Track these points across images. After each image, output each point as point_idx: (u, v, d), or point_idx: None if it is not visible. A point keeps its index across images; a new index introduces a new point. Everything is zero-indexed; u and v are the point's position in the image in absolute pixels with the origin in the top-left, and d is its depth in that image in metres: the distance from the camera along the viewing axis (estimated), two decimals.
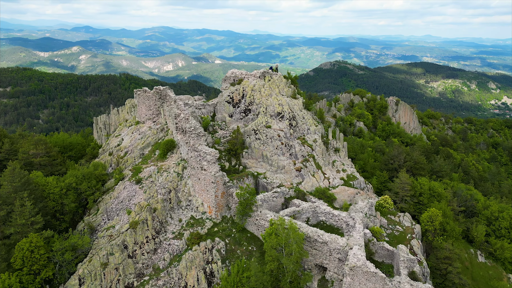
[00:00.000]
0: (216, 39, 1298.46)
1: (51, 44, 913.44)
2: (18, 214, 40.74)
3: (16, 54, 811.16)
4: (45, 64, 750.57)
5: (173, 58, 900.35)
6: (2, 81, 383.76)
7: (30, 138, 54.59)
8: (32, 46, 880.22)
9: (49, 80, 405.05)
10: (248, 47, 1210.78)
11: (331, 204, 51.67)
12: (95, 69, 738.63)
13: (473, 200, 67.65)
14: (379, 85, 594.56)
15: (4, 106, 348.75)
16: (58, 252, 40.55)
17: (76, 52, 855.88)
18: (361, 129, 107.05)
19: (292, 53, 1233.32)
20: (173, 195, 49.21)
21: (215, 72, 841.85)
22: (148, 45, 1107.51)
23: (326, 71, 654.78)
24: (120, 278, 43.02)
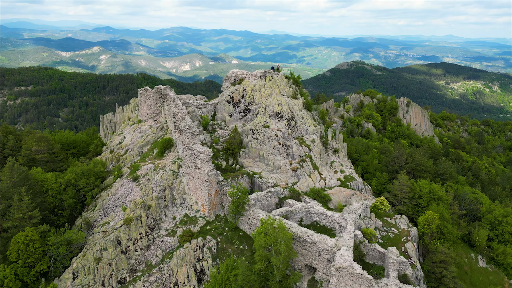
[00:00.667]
0: (233, 40, 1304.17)
1: (72, 44, 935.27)
2: (15, 209, 42.20)
3: (39, 54, 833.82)
4: (66, 64, 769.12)
5: (190, 58, 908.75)
6: (24, 80, 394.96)
7: (32, 135, 56.38)
8: (54, 46, 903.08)
9: (69, 80, 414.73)
10: (265, 47, 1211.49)
11: (325, 205, 51.49)
12: (115, 69, 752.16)
13: (478, 204, 66.19)
14: (397, 86, 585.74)
15: (26, 104, 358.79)
16: (53, 246, 41.75)
17: (97, 52, 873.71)
18: (369, 130, 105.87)
19: (309, 53, 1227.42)
20: (168, 193, 49.99)
21: None
22: (167, 45, 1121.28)
23: (343, 71, 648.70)
24: (113, 273, 43.98)
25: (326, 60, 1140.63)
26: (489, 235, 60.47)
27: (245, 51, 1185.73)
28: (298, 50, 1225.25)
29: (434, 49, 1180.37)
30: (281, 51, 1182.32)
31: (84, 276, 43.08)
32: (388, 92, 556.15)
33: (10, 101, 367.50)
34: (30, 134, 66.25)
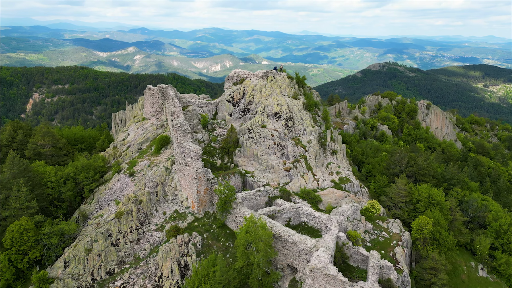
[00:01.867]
0: (264, 40, 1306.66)
1: (109, 44, 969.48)
2: (14, 199, 44.92)
3: (78, 54, 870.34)
4: (103, 64, 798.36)
5: (221, 59, 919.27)
6: (62, 79, 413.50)
7: (39, 130, 59.60)
8: (92, 46, 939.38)
9: (103, 79, 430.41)
10: (296, 48, 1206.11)
11: (315, 206, 51.22)
12: (148, 68, 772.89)
13: (487, 211, 63.57)
14: (431, 88, 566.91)
15: (62, 102, 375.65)
16: (46, 235, 44.07)
17: (132, 52, 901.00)
18: (383, 132, 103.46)
19: (341, 54, 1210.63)
20: (160, 189, 51.43)
21: None
22: (199, 46, 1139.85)
23: (375, 72, 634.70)
24: (102, 264, 45.85)
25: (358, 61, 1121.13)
26: (493, 244, 57.97)
27: (275, 52, 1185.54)
28: (329, 50, 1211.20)
29: (474, 50, 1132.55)
30: (312, 51, 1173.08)
31: (75, 265, 45.18)
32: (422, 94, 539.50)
33: (48, 99, 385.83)
34: None
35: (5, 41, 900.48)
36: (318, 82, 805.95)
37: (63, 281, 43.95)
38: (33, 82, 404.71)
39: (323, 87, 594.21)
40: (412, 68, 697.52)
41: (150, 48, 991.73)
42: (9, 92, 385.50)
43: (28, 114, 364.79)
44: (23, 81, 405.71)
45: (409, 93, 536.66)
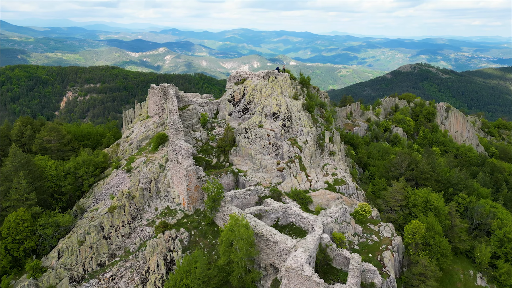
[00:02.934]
0: (293, 41, 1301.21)
1: (141, 45, 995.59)
2: (14, 190, 47.46)
3: (112, 54, 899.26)
4: (135, 64, 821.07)
5: (249, 60, 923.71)
6: (94, 78, 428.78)
7: (45, 126, 62.51)
8: (125, 47, 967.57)
9: (132, 78, 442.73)
10: (325, 49, 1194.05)
11: (305, 207, 50.97)
12: (178, 69, 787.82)
13: (495, 219, 61.06)
14: (465, 90, 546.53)
15: (94, 100, 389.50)
16: (41, 226, 46.29)
17: (162, 53, 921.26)
18: (397, 135, 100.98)
19: (371, 55, 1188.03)
20: (153, 185, 52.76)
21: None
22: (228, 46, 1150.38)
23: (405, 74, 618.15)
24: (93, 256, 47.61)
25: (389, 62, 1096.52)
26: (496, 253, 55.61)
27: (304, 52, 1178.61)
28: (359, 51, 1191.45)
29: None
30: (341, 52, 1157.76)
31: (68, 256, 47.17)
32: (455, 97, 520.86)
33: (80, 97, 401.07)
34: (60, 125, 73.44)
35: (44, 41, 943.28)
36: (346, 83, 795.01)
37: (55, 270, 46.02)
38: (67, 81, 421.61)
39: (351, 88, 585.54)
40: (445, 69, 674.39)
41: (180, 48, 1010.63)
42: (45, 90, 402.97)
43: (61, 112, 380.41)
44: (57, 80, 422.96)
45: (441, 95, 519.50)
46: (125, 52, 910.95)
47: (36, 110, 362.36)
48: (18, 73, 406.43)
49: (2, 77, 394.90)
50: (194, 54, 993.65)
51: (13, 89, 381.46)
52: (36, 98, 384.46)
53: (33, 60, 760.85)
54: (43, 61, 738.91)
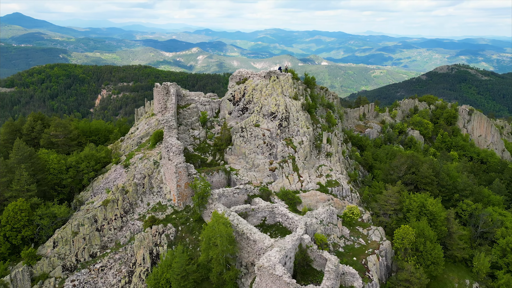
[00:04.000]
0: (326, 41, 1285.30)
1: (175, 45, 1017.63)
2: (16, 182, 50.36)
3: (147, 53, 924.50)
4: (168, 63, 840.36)
5: (280, 60, 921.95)
6: (127, 77, 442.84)
7: (53, 121, 65.70)
8: (160, 47, 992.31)
9: (163, 77, 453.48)
10: (358, 49, 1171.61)
11: (293, 207, 50.79)
12: (210, 68, 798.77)
13: (502, 227, 58.23)
14: (506, 93, 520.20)
15: (126, 98, 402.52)
16: (38, 217, 48.86)
17: (195, 53, 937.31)
18: (412, 138, 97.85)
19: (407, 55, 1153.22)
20: (147, 181, 54.29)
21: (320, 73, 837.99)
22: (259, 47, 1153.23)
23: (442, 75, 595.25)
24: (86, 247, 49.72)
25: (426, 63, 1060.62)
26: (497, 263, 52.98)
27: (337, 53, 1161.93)
28: (394, 52, 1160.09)
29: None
30: (375, 52, 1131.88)
31: (62, 246, 49.51)
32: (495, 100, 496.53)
33: (114, 95, 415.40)
34: (72, 120, 77.04)
35: (84, 41, 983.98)
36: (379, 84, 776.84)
37: (49, 259, 48.46)
38: (102, 79, 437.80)
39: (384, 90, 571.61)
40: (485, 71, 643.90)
41: (212, 48, 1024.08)
42: (81, 88, 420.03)
43: (96, 109, 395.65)
44: (93, 78, 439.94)
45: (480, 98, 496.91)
46: (160, 52, 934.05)
47: (72, 107, 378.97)
48: (57, 71, 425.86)
49: (43, 75, 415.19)
50: (226, 54, 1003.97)
51: (52, 87, 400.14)
52: (73, 96, 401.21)
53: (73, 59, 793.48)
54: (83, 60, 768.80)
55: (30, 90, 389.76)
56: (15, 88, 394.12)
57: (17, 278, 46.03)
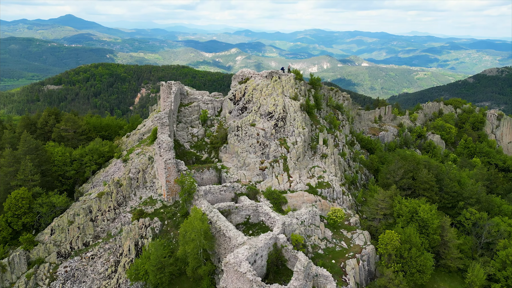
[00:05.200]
0: (367, 41, 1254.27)
1: (215, 46, 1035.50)
2: (21, 172, 54.14)
3: (187, 54, 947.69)
4: (207, 64, 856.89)
5: (318, 60, 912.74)
6: (165, 76, 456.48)
7: (63, 116, 69.65)
8: (200, 47, 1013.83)
9: (200, 77, 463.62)
10: (401, 50, 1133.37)
11: (277, 207, 50.77)
12: None
13: (505, 238, 54.91)
14: None
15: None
16: (38, 205, 52.24)
17: (234, 53, 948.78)
18: (430, 142, 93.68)
19: (454, 57, 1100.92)
20: (141, 176, 56.32)
21: (360, 75, 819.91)
22: (298, 47, 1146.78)
23: (491, 78, 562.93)
24: (80, 236, 52.47)
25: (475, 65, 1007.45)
26: (494, 275, 50.02)
27: (378, 54, 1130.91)
28: (441, 53, 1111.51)
29: None
30: (420, 54, 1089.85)
31: (58, 234, 52.58)
32: None
33: (152, 94, 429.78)
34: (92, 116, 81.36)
35: (130, 42, 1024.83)
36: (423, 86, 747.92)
37: (45, 245, 51.65)
38: (142, 78, 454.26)
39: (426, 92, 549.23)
40: None
41: (251, 49, 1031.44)
42: (122, 86, 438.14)
43: (135, 107, 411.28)
44: (134, 77, 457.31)
45: None
46: (200, 53, 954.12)
47: (113, 105, 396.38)
48: (101, 70, 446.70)
49: (88, 73, 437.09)
50: (264, 55, 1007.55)
51: (96, 85, 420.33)
52: (114, 94, 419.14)
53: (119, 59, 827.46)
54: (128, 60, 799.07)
55: (76, 88, 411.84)
56: (62, 86, 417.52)
57: (15, 261, 49.54)
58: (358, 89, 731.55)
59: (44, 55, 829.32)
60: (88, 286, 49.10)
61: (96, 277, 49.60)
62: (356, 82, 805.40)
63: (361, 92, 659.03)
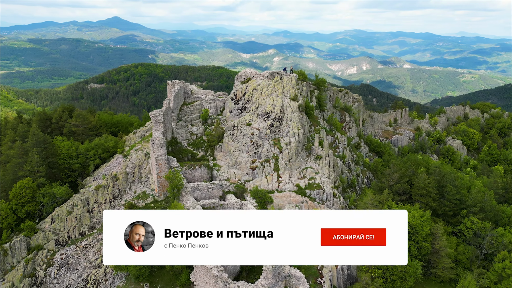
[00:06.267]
0: (411, 42, 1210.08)
1: (253, 47, 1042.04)
2: (28, 163, 57.99)
3: (225, 55, 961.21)
4: (245, 64, 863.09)
5: (358, 62, 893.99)
6: (201, 77, 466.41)
7: (75, 112, 73.50)
8: (238, 48, 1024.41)
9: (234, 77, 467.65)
10: (448, 51, 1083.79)
11: (262, 206, 50.96)
12: None
13: (505, 250, 51.79)
14: None
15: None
16: (41, 194, 55.75)
17: (271, 54, 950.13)
18: (449, 148, 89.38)
19: (506, 59, 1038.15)
20: (137, 171, 58.46)
21: (401, 77, 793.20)
22: (337, 48, 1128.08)
23: None
24: (77, 226, 55.36)
25: None
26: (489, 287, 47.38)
27: (422, 55, 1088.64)
28: (490, 55, 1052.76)
29: None
30: (467, 55, 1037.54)
31: (58, 223, 55.74)
32: None
33: None
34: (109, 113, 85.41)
35: (171, 43, 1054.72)
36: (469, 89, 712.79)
37: (45, 233, 54.94)
38: (179, 78, 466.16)
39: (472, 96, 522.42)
40: None
41: (289, 50, 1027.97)
42: (160, 86, 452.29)
43: None
44: (171, 77, 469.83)
45: None
46: (237, 54, 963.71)
47: (151, 103, 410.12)
48: (140, 70, 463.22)
49: (128, 73, 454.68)
50: (302, 55, 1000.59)
51: (135, 84, 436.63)
52: (152, 93, 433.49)
53: (160, 59, 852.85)
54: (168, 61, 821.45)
55: (117, 87, 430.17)
56: (104, 84, 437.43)
57: (16, 246, 53.15)
58: (399, 91, 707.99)
59: (91, 55, 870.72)
60: (80, 273, 51.78)
61: (87, 266, 52.16)
62: (397, 84, 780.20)
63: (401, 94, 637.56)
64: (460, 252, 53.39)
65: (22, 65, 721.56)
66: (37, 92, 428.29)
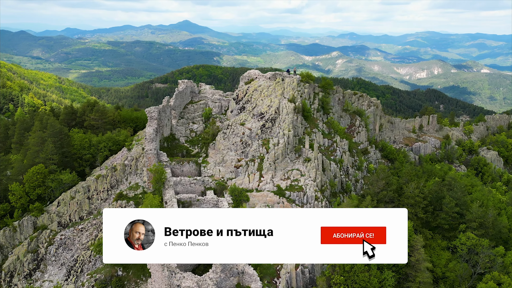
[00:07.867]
0: (492, 45, 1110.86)
1: (316, 49, 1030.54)
2: (43, 151, 64.60)
3: (288, 57, 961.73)
4: (306, 67, 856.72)
5: (428, 65, 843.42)
6: None
7: (95, 108, 79.60)
8: (301, 51, 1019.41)
9: None
10: None
11: (238, 204, 51.62)
12: (347, 73, 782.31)
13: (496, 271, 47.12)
14: None
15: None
16: (50, 180, 61.83)
17: (335, 56, 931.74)
18: (479, 159, 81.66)
19: None
20: (134, 163, 62.20)
21: (478, 82, 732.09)
22: (407, 51, 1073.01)
23: None
24: (77, 210, 60.53)
25: None
26: None
27: (504, 59, 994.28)
28: None
29: None
30: None
31: (62, 206, 61.37)
32: None
33: None
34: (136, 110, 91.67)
35: (236, 45, 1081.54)
36: None
37: (50, 214, 60.84)
38: (237, 80, 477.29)
39: None
40: None
41: (354, 52, 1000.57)
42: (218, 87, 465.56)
43: None
44: (229, 79, 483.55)
45: None
46: (300, 56, 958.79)
47: None
48: (201, 71, 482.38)
49: (189, 74, 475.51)
50: (368, 58, 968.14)
51: None
52: None
53: (224, 61, 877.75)
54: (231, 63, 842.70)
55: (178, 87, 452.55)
56: (167, 84, 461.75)
57: (24, 224, 59.61)
58: (475, 98, 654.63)
59: (162, 56, 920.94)
60: (72, 254, 56.66)
61: (79, 247, 56.90)
62: (473, 90, 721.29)
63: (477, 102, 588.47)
64: (450, 269, 49.52)
65: (101, 65, 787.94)
66: (108, 90, 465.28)
